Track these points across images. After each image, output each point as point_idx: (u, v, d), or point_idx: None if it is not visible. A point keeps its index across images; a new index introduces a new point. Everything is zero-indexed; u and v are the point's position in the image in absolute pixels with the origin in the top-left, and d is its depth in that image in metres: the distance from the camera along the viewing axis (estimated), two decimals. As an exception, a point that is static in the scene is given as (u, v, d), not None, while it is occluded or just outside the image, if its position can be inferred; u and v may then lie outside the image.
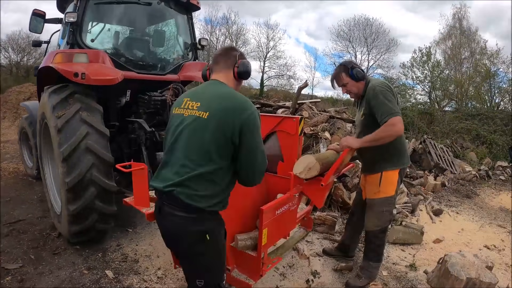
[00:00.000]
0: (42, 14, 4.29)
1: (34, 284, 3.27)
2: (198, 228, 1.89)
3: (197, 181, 1.86)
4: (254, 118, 1.90)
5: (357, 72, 3.05)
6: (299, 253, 3.80)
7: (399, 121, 2.79)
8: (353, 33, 34.66)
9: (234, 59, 2.11)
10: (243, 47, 37.07)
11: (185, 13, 5.25)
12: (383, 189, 3.11)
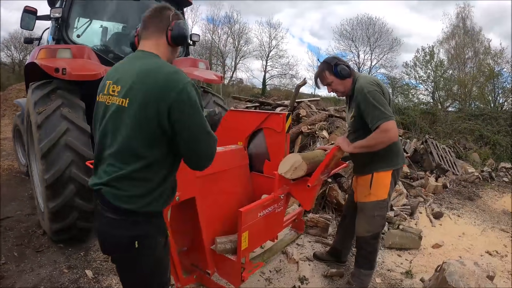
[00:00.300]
0: (33, 11, 4.22)
1: (14, 282, 3.27)
2: (126, 233, 1.61)
3: (125, 181, 1.60)
4: (186, 95, 1.56)
5: (342, 69, 2.82)
6: (287, 257, 3.63)
7: (393, 126, 2.59)
8: (356, 32, 34.56)
9: (168, 20, 1.76)
10: (245, 46, 37.07)
11: (177, 8, 5.11)
12: (374, 192, 2.90)
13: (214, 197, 2.88)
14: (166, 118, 1.56)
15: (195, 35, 5.25)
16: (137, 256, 1.65)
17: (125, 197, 1.59)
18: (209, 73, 4.93)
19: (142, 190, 1.62)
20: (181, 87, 1.56)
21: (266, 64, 37.39)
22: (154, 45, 1.75)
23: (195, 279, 2.89)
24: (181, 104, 1.55)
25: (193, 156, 1.67)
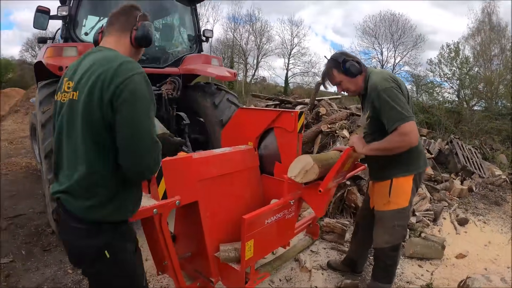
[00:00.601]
0: (46, 11, 4.16)
1: (18, 280, 3.28)
2: (94, 243, 1.53)
3: (82, 188, 1.49)
4: (134, 84, 1.43)
5: (351, 66, 2.52)
6: (300, 265, 3.41)
7: (412, 128, 2.30)
8: (379, 29, 33.95)
9: (134, 20, 1.69)
10: (267, 43, 36.91)
11: (189, 5, 5.13)
12: (394, 200, 2.60)
13: (219, 202, 2.72)
14: (109, 108, 1.42)
15: (208, 31, 5.17)
16: (108, 266, 1.58)
17: (88, 207, 1.49)
18: (222, 69, 4.80)
19: (100, 199, 1.50)
20: (130, 74, 1.44)
21: (288, 62, 37.30)
22: (115, 42, 1.68)
23: (198, 286, 2.74)
24: (126, 89, 1.42)
25: (131, 158, 1.47)
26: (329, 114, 7.58)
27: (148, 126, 1.48)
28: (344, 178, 3.02)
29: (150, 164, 1.52)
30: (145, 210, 2.20)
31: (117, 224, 1.59)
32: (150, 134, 1.49)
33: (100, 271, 1.60)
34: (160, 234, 2.32)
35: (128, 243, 1.66)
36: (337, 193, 4.66)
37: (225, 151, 2.96)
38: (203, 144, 4.67)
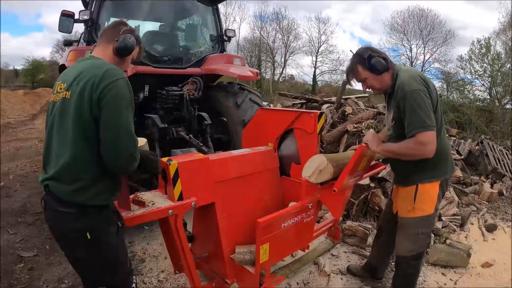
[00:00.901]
0: (71, 15, 4.25)
1: (41, 274, 3.37)
2: (77, 225, 1.70)
3: (67, 174, 1.70)
4: (117, 88, 1.70)
5: (377, 62, 2.36)
6: (319, 268, 3.34)
7: (431, 140, 2.19)
8: (408, 25, 32.89)
9: (118, 33, 1.93)
10: (294, 41, 36.65)
11: (210, 5, 5.14)
12: (419, 206, 2.46)
13: (237, 203, 2.70)
14: (96, 107, 1.67)
15: (230, 30, 5.17)
16: (91, 246, 1.73)
17: (71, 191, 1.68)
18: (244, 69, 4.77)
19: (84, 183, 1.69)
20: (114, 79, 1.70)
21: (316, 60, 36.78)
22: (102, 52, 1.94)
23: (213, 286, 2.73)
24: (111, 92, 1.68)
25: (111, 152, 1.69)
26: (355, 113, 7.43)
27: (126, 123, 1.71)
28: (361, 178, 2.90)
29: (125, 156, 1.71)
30: (160, 211, 2.22)
31: (100, 208, 1.76)
32: (127, 130, 1.71)
33: (85, 253, 1.76)
34: (175, 234, 2.33)
35: (112, 227, 1.82)
36: (361, 195, 4.56)
37: (244, 152, 2.93)
38: (225, 144, 4.67)
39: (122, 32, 1.93)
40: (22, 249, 3.86)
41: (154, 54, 4.61)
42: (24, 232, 4.28)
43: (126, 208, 2.16)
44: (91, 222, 1.72)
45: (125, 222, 2.04)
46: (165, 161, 2.35)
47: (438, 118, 2.36)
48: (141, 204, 2.23)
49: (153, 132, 4.08)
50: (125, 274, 1.93)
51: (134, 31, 1.99)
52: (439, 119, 2.39)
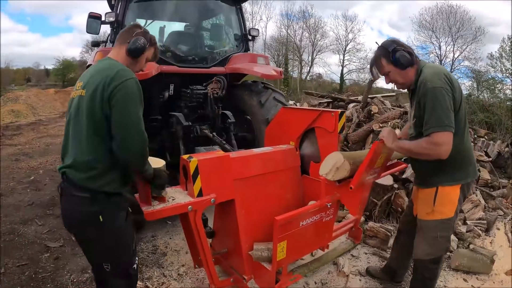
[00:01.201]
0: (98, 16, 4.38)
1: (66, 263, 3.53)
2: (91, 209, 1.86)
3: (82, 163, 1.86)
4: (126, 88, 1.83)
5: (401, 57, 2.29)
6: (338, 268, 3.30)
7: (447, 140, 2.12)
8: (436, 22, 31.76)
9: (131, 36, 2.06)
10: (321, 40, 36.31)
11: (233, 4, 5.18)
12: (438, 209, 2.39)
13: (257, 201, 2.72)
14: (107, 105, 1.81)
15: (254, 29, 5.21)
16: (102, 228, 1.90)
17: (86, 178, 1.86)
18: (268, 68, 4.78)
19: (96, 172, 1.86)
20: (123, 80, 1.84)
21: (344, 58, 36.24)
22: (116, 53, 2.09)
23: (231, 282, 2.76)
24: (120, 92, 1.81)
25: (122, 147, 1.84)
26: (381, 113, 7.30)
27: (135, 121, 1.86)
28: (379, 175, 2.86)
29: (134, 151, 1.87)
30: (180, 206, 2.27)
31: (111, 195, 1.90)
32: (136, 128, 1.86)
33: (96, 234, 1.92)
34: (194, 229, 2.37)
35: (121, 212, 1.98)
36: (384, 196, 4.48)
37: (265, 150, 2.94)
38: (250, 142, 4.70)
39: (135, 34, 2.06)
40: (49, 239, 4.03)
41: (179, 54, 4.69)
42: (52, 223, 4.45)
43: (146, 203, 2.23)
44: (101, 206, 1.87)
45: (146, 216, 2.13)
46: (185, 158, 2.40)
47: (461, 119, 2.30)
48: (162, 200, 2.29)
49: (177, 129, 4.16)
50: (128, 255, 2.08)
51: (147, 33, 2.12)
52: (463, 120, 2.32)
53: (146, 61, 2.20)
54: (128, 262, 2.08)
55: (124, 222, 1.99)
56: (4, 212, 4.80)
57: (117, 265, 2.03)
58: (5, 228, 4.29)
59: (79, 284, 3.16)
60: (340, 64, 36.31)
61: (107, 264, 2.01)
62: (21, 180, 6.33)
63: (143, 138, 1.89)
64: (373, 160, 2.45)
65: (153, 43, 2.16)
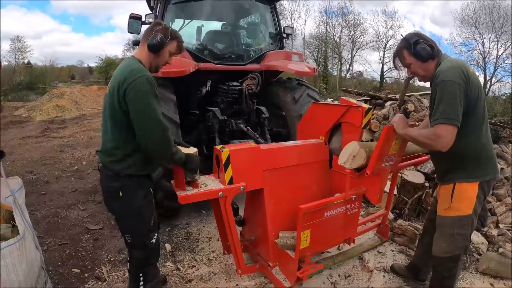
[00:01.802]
0: (139, 17, 4.64)
1: (104, 244, 3.80)
2: (114, 184, 2.21)
3: (107, 150, 2.23)
4: (137, 85, 2.03)
5: (422, 49, 2.32)
6: (362, 263, 3.33)
7: (447, 133, 2.14)
8: (479, 17, 30.33)
9: (151, 33, 2.25)
10: (361, 37, 35.65)
11: (268, 3, 5.31)
12: (455, 205, 2.39)
13: (285, 191, 2.82)
14: (123, 100, 2.06)
15: (288, 27, 5.31)
16: (121, 202, 2.23)
17: (109, 162, 2.22)
18: (301, 65, 4.86)
19: (117, 157, 2.19)
20: (137, 77, 2.05)
21: (384, 56, 35.40)
22: (139, 51, 2.32)
23: (257, 268, 2.87)
24: (133, 89, 2.03)
25: (141, 136, 2.10)
26: (418, 111, 7.19)
27: (149, 113, 2.06)
28: (397, 163, 2.84)
29: (152, 139, 2.10)
30: (212, 192, 2.44)
31: (132, 176, 2.22)
32: (150, 119, 2.06)
33: (116, 206, 2.29)
34: (224, 215, 2.51)
35: (140, 190, 2.26)
36: (415, 194, 4.45)
37: (294, 144, 3.04)
38: (284, 137, 4.81)
39: (155, 31, 2.23)
40: (90, 222, 4.33)
41: (215, 52, 4.89)
42: (93, 209, 4.77)
43: (181, 188, 2.41)
44: (122, 183, 2.20)
45: (180, 199, 2.31)
46: (218, 149, 2.56)
47: (478, 116, 2.31)
48: (195, 185, 2.46)
49: (214, 123, 4.33)
50: (145, 229, 2.33)
51: (167, 29, 2.28)
52: (480, 117, 2.33)
53: (170, 55, 2.36)
54: (146, 236, 2.34)
55: (142, 199, 2.26)
56: (49, 197, 5.19)
57: (136, 237, 2.33)
58: (50, 212, 4.65)
59: (115, 263, 3.40)
60: (380, 61, 35.61)
61: (128, 236, 2.34)
62: (66, 169, 6.79)
63: (160, 127, 2.10)
64: (386, 145, 2.49)
65: (174, 37, 2.32)
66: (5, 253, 1.90)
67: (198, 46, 4.97)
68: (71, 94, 19.64)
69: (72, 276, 3.20)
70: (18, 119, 14.74)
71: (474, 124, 2.29)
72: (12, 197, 2.20)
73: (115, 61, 40.43)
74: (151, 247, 2.37)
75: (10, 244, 1.93)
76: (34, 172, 6.60)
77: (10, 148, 8.75)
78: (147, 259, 2.41)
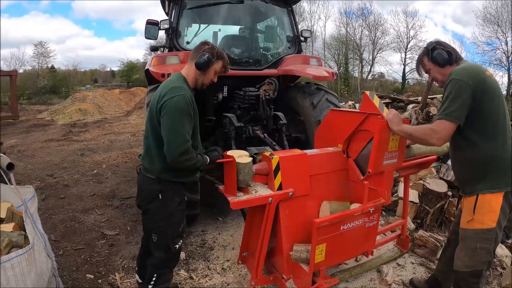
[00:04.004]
0: (155, 23, 4.67)
1: (119, 250, 3.83)
2: (154, 187, 2.40)
3: (146, 156, 2.47)
4: (169, 103, 2.23)
5: (438, 55, 2.42)
6: (380, 276, 3.21)
7: (444, 129, 2.20)
8: (501, 15, 29.29)
9: (199, 51, 2.43)
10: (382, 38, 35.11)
11: (285, 7, 5.24)
12: (478, 218, 2.31)
13: (300, 202, 2.73)
14: (159, 114, 2.29)
15: (306, 31, 5.20)
16: (159, 204, 2.41)
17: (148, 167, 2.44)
18: (320, 69, 4.77)
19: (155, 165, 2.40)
20: (172, 96, 2.25)
21: (405, 57, 34.83)
22: (187, 68, 2.52)
23: (271, 280, 2.81)
24: (164, 108, 2.25)
25: (165, 146, 2.27)
26: (440, 114, 6.98)
27: (174, 127, 2.24)
28: (400, 161, 2.78)
29: (172, 154, 2.24)
30: (262, 198, 2.49)
31: (170, 182, 2.40)
32: (173, 131, 2.23)
33: (152, 207, 2.43)
34: (264, 220, 2.55)
35: (176, 197, 2.44)
36: (437, 203, 4.30)
37: (312, 152, 2.95)
38: (303, 143, 4.73)
39: (202, 50, 2.42)
40: (106, 228, 4.35)
41: (232, 57, 4.83)
42: (110, 213, 4.79)
43: (231, 193, 2.47)
44: (162, 188, 2.38)
45: (231, 205, 2.39)
46: (267, 155, 2.62)
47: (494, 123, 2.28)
48: (246, 191, 2.52)
49: (230, 130, 4.30)
50: (173, 234, 2.47)
51: (214, 48, 2.45)
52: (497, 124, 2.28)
53: (215, 73, 2.54)
54: (171, 240, 2.47)
55: (176, 205, 2.44)
56: (68, 201, 5.26)
57: (162, 239, 2.46)
58: (67, 216, 4.70)
59: (129, 270, 3.40)
60: (402, 63, 35.01)
61: (155, 235, 2.47)
62: (85, 173, 6.88)
63: (181, 146, 2.24)
64: (382, 141, 2.52)
65: (220, 57, 2.49)
66: (13, 263, 1.88)
67: None
68: (93, 98, 20.06)
69: (86, 282, 3.21)
70: (41, 122, 15.14)
71: (491, 129, 2.27)
72: (24, 206, 2.19)
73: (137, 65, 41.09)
74: (174, 251, 2.50)
75: (19, 254, 1.91)
76: (54, 175, 6.72)
77: (32, 152, 8.99)
78: (166, 262, 2.54)
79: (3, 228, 2.32)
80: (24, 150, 9.16)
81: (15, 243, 2.19)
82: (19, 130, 12.93)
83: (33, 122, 15.09)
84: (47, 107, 21.75)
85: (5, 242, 2.13)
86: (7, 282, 1.89)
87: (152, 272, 2.51)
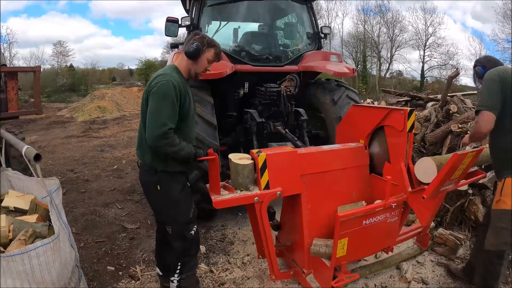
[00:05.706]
0: (175, 20, 4.72)
1: (139, 243, 3.89)
2: (152, 179, 2.41)
3: (139, 145, 2.48)
4: (153, 88, 2.25)
5: (477, 72, 2.78)
6: (400, 273, 3.18)
7: (484, 119, 2.42)
8: None
9: (189, 41, 2.45)
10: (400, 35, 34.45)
11: (305, 3, 5.25)
12: (503, 199, 2.51)
13: (322, 197, 2.75)
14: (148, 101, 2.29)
15: (326, 27, 5.21)
16: (159, 195, 2.42)
17: (140, 155, 2.48)
18: (340, 66, 4.77)
19: (145, 154, 2.41)
20: (156, 82, 2.27)
21: (424, 54, 33.77)
22: (179, 59, 2.53)
23: (291, 275, 2.82)
24: (150, 93, 2.27)
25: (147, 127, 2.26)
26: (461, 112, 6.81)
27: (157, 112, 2.22)
28: (456, 185, 2.76)
29: (151, 136, 2.23)
30: (247, 197, 2.43)
31: (167, 172, 2.38)
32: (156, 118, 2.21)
33: (154, 199, 2.51)
34: (259, 220, 2.48)
35: (176, 184, 2.42)
36: (457, 202, 4.22)
37: (333, 148, 2.96)
38: (323, 139, 4.75)
39: (193, 40, 2.43)
40: (127, 221, 4.42)
41: (253, 53, 4.86)
42: (131, 208, 4.87)
43: (215, 192, 2.42)
44: (159, 178, 2.38)
45: (214, 204, 2.33)
46: (254, 153, 2.54)
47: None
48: (230, 190, 2.46)
49: (251, 126, 4.33)
50: (184, 221, 2.47)
51: (204, 38, 2.46)
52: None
53: (208, 62, 2.50)
54: (185, 227, 2.48)
55: (178, 193, 2.43)
56: (89, 195, 5.36)
57: (175, 228, 2.48)
58: (88, 209, 4.79)
59: (149, 263, 3.44)
60: (420, 60, 34.24)
61: (169, 227, 2.50)
62: (105, 169, 7.00)
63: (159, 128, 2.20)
64: (451, 171, 2.40)
65: (211, 45, 2.47)
66: (39, 252, 1.94)
67: (235, 48, 4.96)
68: (112, 96, 20.30)
69: (107, 273, 3.27)
70: (61, 120, 15.41)
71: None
72: (49, 197, 2.25)
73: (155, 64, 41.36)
74: (191, 238, 2.50)
75: (44, 243, 1.97)
76: (75, 170, 6.85)
77: (52, 148, 9.18)
78: (187, 250, 2.53)
79: (27, 219, 2.41)
80: (45, 146, 9.36)
81: (38, 234, 2.27)
82: (39, 127, 13.20)
83: (53, 119, 15.36)
84: (66, 104, 22.09)
85: (29, 232, 2.21)
86: (32, 270, 1.94)
87: (176, 262, 2.54)
